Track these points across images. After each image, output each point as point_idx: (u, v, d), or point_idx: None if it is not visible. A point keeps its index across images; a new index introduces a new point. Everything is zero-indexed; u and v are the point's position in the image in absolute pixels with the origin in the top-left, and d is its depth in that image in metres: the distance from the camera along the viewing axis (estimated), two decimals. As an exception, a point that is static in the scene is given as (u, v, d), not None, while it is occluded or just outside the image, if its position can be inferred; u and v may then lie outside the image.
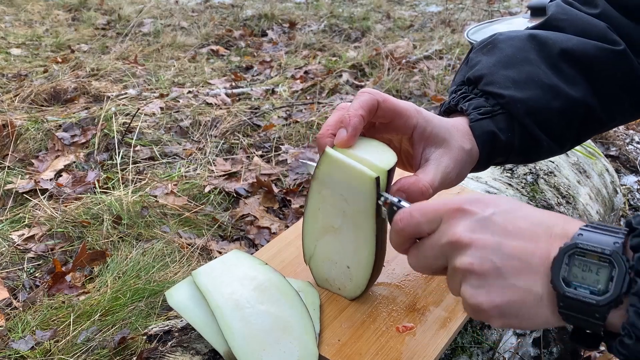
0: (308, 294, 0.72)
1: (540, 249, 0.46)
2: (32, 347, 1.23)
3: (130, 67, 3.10)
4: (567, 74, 0.72)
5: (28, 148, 2.16)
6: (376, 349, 0.66)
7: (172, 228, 1.67)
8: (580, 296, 0.43)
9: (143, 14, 4.23)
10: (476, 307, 0.48)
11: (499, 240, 0.48)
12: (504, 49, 0.74)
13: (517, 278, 0.47)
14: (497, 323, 0.48)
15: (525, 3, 4.63)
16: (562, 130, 0.73)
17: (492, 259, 0.47)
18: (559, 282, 0.45)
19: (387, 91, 2.73)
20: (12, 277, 1.50)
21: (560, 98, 0.71)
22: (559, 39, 0.73)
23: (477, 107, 0.72)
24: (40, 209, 1.75)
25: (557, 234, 0.47)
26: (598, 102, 0.72)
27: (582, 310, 0.44)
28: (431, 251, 0.53)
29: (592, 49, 0.71)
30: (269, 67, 3.32)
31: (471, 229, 0.49)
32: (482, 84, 0.73)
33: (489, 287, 0.47)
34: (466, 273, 0.49)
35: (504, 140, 0.71)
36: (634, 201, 1.85)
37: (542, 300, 0.46)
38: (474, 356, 0.77)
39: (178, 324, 0.73)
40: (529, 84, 0.71)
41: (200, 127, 2.38)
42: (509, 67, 0.72)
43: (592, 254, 0.44)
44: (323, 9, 4.64)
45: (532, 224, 0.48)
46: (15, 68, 3.09)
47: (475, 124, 0.71)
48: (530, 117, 0.71)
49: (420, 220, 0.54)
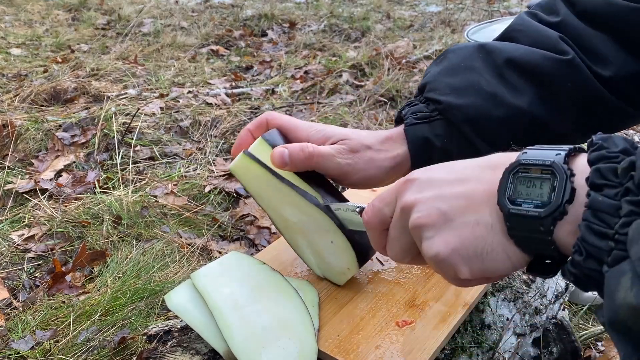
0: (307, 292, 0.73)
1: (484, 184, 0.47)
2: (32, 347, 1.23)
3: (130, 67, 3.10)
4: (511, 82, 0.71)
5: (28, 148, 2.16)
6: (376, 343, 0.66)
7: (172, 228, 1.67)
8: (524, 211, 0.43)
9: (143, 14, 4.23)
10: (436, 258, 0.48)
11: (441, 190, 0.49)
12: (451, 59, 0.76)
13: (464, 215, 0.47)
14: (464, 271, 0.47)
15: (525, 3, 4.63)
16: (504, 139, 0.71)
17: (437, 206, 0.48)
18: (503, 201, 0.44)
19: (387, 91, 2.73)
20: (12, 277, 1.50)
21: (503, 106, 0.70)
22: (506, 48, 0.73)
23: (415, 112, 0.73)
24: (40, 209, 1.75)
25: (500, 164, 0.47)
26: (546, 112, 0.71)
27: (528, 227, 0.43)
28: (394, 230, 0.53)
29: (538, 58, 0.70)
30: (269, 67, 3.32)
31: (416, 191, 0.50)
32: (425, 91, 0.74)
33: (441, 233, 0.47)
34: (418, 230, 0.49)
35: (440, 146, 0.72)
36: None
37: (493, 228, 0.45)
38: (473, 356, 0.77)
39: (178, 324, 0.73)
40: (469, 91, 0.71)
41: (200, 127, 2.38)
42: (451, 75, 0.73)
43: (535, 168, 0.44)
44: (323, 9, 4.64)
45: (473, 166, 0.49)
46: (15, 68, 3.09)
47: (409, 129, 0.72)
48: (467, 123, 0.71)
49: (380, 205, 0.54)
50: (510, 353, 0.86)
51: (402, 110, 0.76)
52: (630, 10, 0.69)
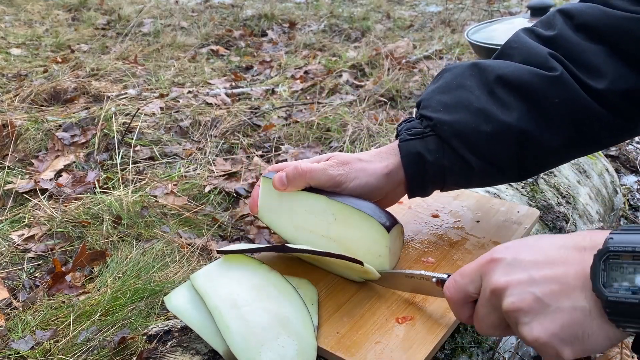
0: (306, 290, 0.73)
1: (574, 266, 0.48)
2: (32, 347, 1.23)
3: (130, 67, 3.10)
4: (501, 98, 0.73)
5: (28, 148, 2.16)
6: (376, 339, 0.66)
7: (172, 228, 1.67)
8: (623, 298, 0.44)
9: (143, 14, 4.23)
10: (536, 342, 0.49)
11: (530, 272, 0.50)
12: (446, 77, 0.79)
13: (560, 301, 0.48)
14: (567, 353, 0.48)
15: (525, 3, 4.63)
16: (495, 154, 0.74)
17: (530, 290, 0.49)
18: (599, 288, 0.45)
19: (387, 91, 2.73)
20: (12, 277, 1.50)
21: (492, 122, 0.73)
22: (497, 65, 0.76)
23: (409, 128, 0.77)
24: (40, 209, 1.75)
25: (587, 246, 0.48)
26: (535, 127, 0.73)
27: (629, 313, 0.44)
28: (484, 308, 0.55)
29: (527, 75, 0.73)
30: (269, 67, 3.32)
31: (504, 273, 0.51)
32: (420, 108, 0.78)
33: (538, 318, 0.48)
34: (514, 314, 0.50)
35: (432, 160, 0.75)
36: (634, 201, 1.85)
37: (591, 313, 0.47)
38: (474, 356, 0.77)
39: (178, 324, 0.73)
40: (458, 107, 0.74)
41: (200, 127, 2.38)
42: (444, 93, 0.77)
43: (626, 255, 0.44)
44: (323, 9, 4.64)
45: (559, 247, 0.51)
46: (15, 68, 3.09)
47: (403, 144, 0.76)
48: (457, 138, 0.74)
49: (463, 282, 0.57)
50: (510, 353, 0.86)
51: (399, 126, 0.80)
52: (626, 20, 0.71)
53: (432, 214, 0.93)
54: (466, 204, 0.96)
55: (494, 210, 0.94)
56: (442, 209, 0.95)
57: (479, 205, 0.96)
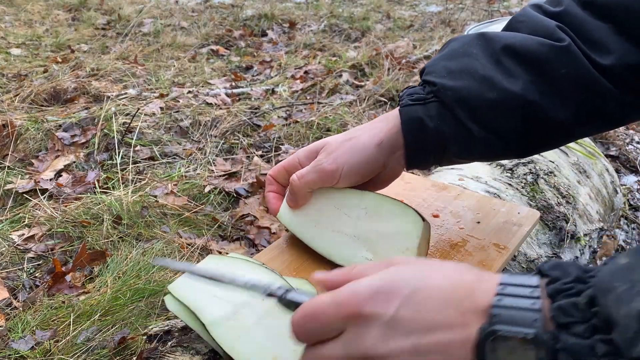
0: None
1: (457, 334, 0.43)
2: (32, 347, 1.23)
3: (130, 67, 3.09)
4: (507, 67, 0.72)
5: (28, 148, 2.15)
6: None
7: (172, 228, 1.67)
8: None
9: (143, 14, 4.23)
10: None
11: (414, 342, 0.44)
12: (452, 45, 0.78)
13: None
14: None
15: (525, 3, 4.63)
16: (498, 123, 0.73)
17: None
18: None
19: (387, 91, 2.73)
20: (12, 277, 1.50)
21: (496, 89, 0.72)
22: (505, 35, 0.75)
23: (411, 94, 0.75)
24: (40, 209, 1.75)
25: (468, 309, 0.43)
26: (540, 97, 0.72)
27: None
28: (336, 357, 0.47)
29: (534, 44, 0.72)
30: (269, 67, 3.32)
31: (381, 338, 0.44)
32: (424, 74, 0.77)
33: None
34: None
35: (432, 127, 0.73)
36: (634, 201, 1.85)
37: None
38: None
39: (178, 324, 0.73)
40: (463, 74, 0.73)
41: (200, 127, 2.38)
42: (449, 59, 0.76)
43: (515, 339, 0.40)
44: (323, 9, 4.64)
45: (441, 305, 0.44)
46: (15, 68, 3.08)
47: (403, 109, 0.74)
48: (460, 105, 0.72)
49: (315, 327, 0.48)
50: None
51: (401, 93, 0.79)
52: None
53: (432, 214, 0.93)
54: (467, 204, 0.96)
55: (495, 211, 0.94)
56: (443, 208, 0.95)
57: (480, 205, 0.96)
